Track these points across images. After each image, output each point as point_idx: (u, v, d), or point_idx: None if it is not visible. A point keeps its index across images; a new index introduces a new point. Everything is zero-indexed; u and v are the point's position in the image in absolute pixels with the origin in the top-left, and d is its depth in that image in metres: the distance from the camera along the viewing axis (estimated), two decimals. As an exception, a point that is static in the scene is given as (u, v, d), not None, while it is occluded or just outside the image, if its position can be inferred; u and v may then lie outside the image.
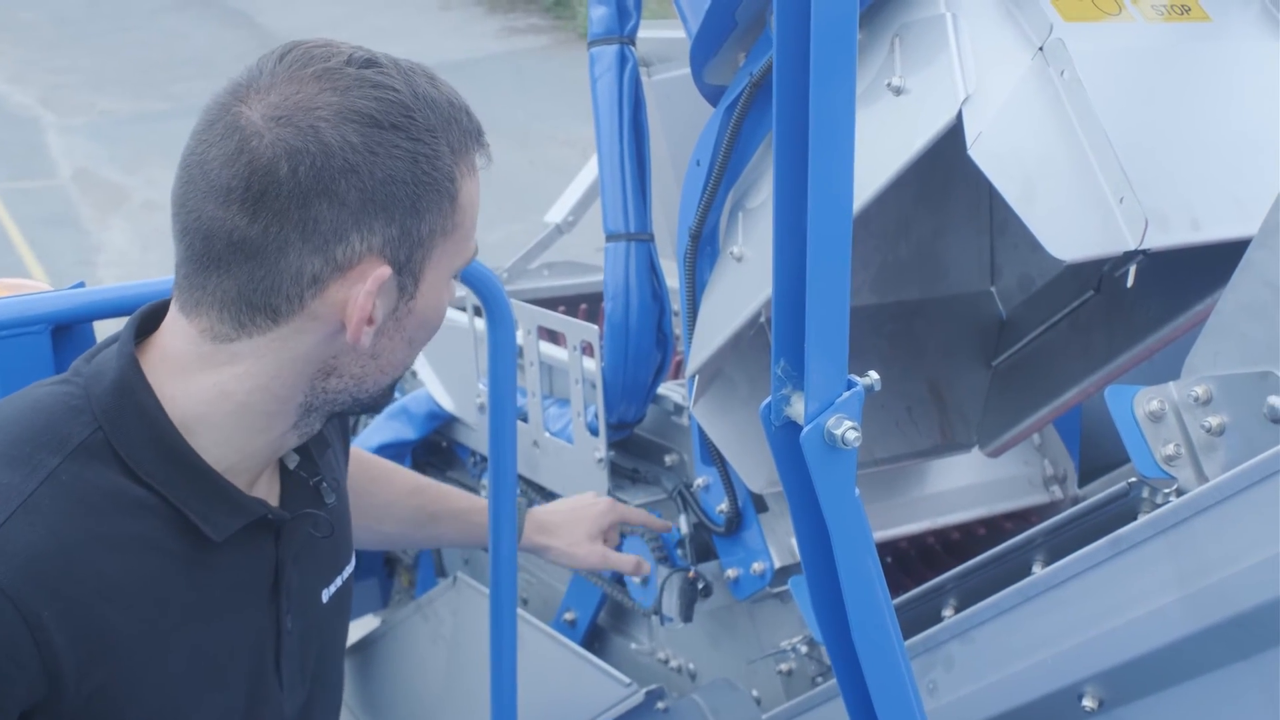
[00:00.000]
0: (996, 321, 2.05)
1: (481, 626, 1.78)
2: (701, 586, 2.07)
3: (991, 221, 2.06)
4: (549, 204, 3.03)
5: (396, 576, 3.00)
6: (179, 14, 16.59)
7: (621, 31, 2.08)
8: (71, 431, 1.18)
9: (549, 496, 2.36)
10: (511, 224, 8.41)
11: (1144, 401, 1.35)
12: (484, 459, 2.59)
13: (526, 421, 2.30)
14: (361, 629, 2.83)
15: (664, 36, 2.35)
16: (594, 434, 2.15)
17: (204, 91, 1.27)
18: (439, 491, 1.89)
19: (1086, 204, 1.39)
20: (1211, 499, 1.25)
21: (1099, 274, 1.83)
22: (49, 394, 1.22)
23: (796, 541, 1.24)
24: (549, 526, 1.98)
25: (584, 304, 2.94)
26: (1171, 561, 1.29)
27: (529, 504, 1.98)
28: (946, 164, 1.84)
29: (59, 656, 1.12)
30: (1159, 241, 1.37)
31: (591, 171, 2.90)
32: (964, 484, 2.09)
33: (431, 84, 1.19)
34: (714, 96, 1.82)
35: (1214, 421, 1.31)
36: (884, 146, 1.49)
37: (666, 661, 2.26)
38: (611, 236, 2.08)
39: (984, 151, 1.40)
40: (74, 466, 1.16)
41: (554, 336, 2.28)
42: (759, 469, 1.89)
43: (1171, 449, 1.34)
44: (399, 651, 2.61)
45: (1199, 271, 1.61)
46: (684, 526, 2.07)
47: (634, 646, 2.32)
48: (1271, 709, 1.26)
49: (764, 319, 1.81)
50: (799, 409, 1.12)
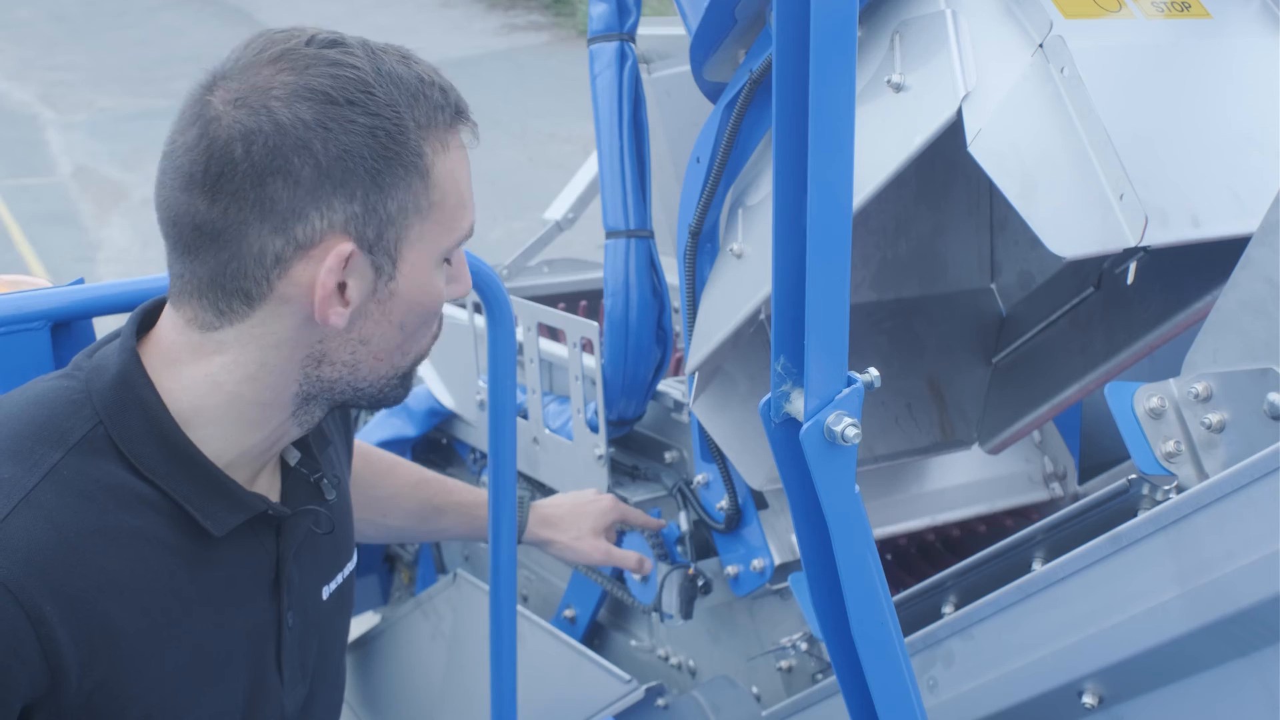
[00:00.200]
0: (996, 318, 2.05)
1: (481, 623, 1.78)
2: (701, 583, 2.07)
3: (991, 218, 2.06)
4: (548, 201, 3.02)
5: (396, 573, 3.00)
6: (178, 11, 16.59)
7: (621, 28, 2.08)
8: (73, 426, 1.18)
9: (549, 493, 2.36)
10: (511, 221, 8.41)
11: (1144, 398, 1.35)
12: (484, 456, 2.59)
13: (526, 418, 2.30)
14: (362, 626, 2.83)
15: (664, 33, 2.35)
16: (594, 431, 2.15)
17: (203, 89, 1.27)
18: (443, 484, 1.90)
19: (1086, 201, 1.39)
20: (1211, 496, 1.25)
21: (1099, 271, 1.83)
22: (50, 389, 1.22)
23: (796, 538, 1.24)
24: (552, 520, 1.98)
25: (584, 301, 2.94)
26: (1171, 558, 1.29)
27: (531, 497, 1.99)
28: (946, 161, 1.85)
29: (61, 650, 1.12)
30: (1159, 238, 1.37)
31: (591, 168, 2.90)
32: (964, 481, 2.10)
33: (403, 63, 1.18)
34: (714, 93, 1.82)
35: (1214, 418, 1.31)
36: (884, 143, 1.49)
37: (666, 658, 2.26)
38: (611, 233, 2.08)
39: (984, 148, 1.40)
40: (75, 461, 1.17)
41: (554, 333, 2.28)
42: (759, 466, 1.89)
43: (1171, 446, 1.34)
44: (399, 648, 2.61)
45: (1199, 268, 1.61)
46: (684, 523, 2.07)
47: (634, 643, 2.32)
48: (1271, 705, 1.27)
49: (764, 316, 1.81)
50: (799, 406, 1.12)
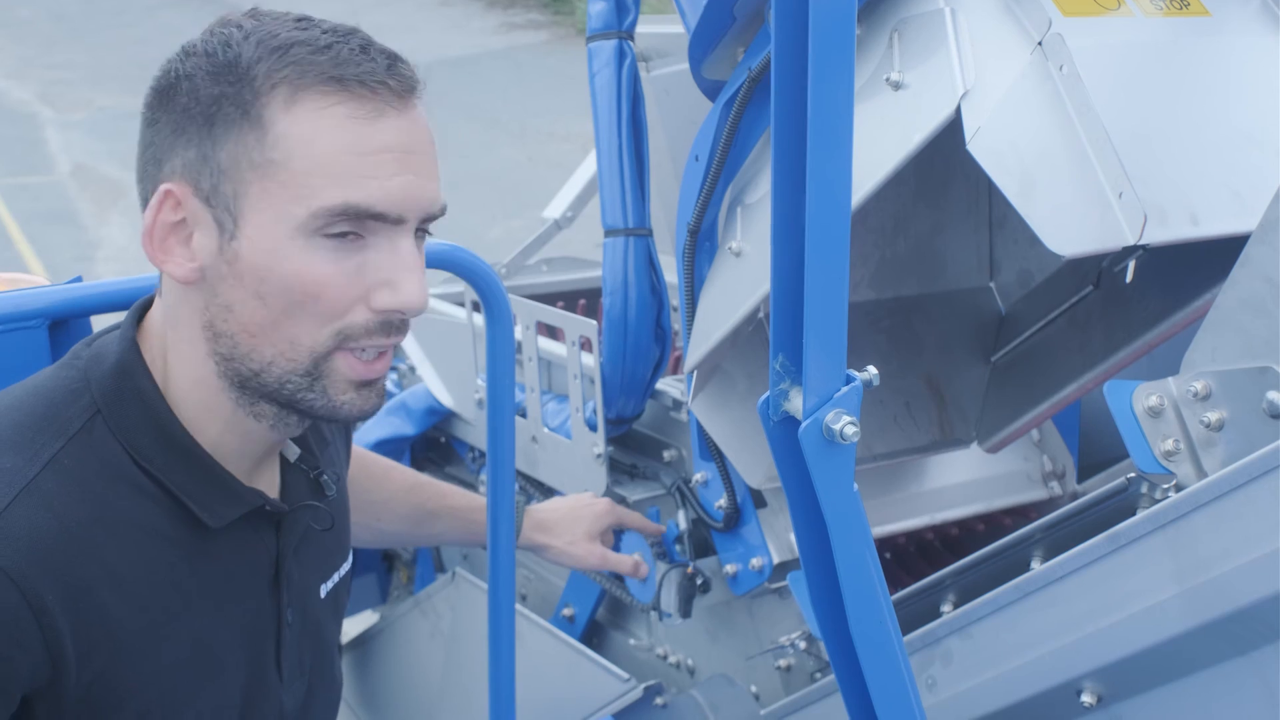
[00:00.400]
0: (995, 317, 2.05)
1: (480, 622, 1.78)
2: (700, 582, 2.07)
3: (990, 216, 2.06)
4: (547, 199, 3.02)
5: (395, 572, 3.00)
6: (177, 10, 16.57)
7: (620, 26, 2.08)
8: (71, 415, 1.18)
9: (548, 492, 2.36)
10: (510, 219, 8.41)
11: (1143, 397, 1.35)
12: (482, 454, 2.58)
13: (525, 417, 2.30)
14: (360, 624, 2.83)
15: (662, 31, 2.35)
16: (592, 429, 2.15)
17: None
18: (437, 489, 1.89)
19: (1085, 199, 1.39)
20: (1210, 494, 1.25)
21: (1098, 269, 1.83)
22: (49, 378, 1.23)
23: (795, 537, 1.23)
24: (547, 525, 1.97)
25: (582, 299, 2.94)
26: (1170, 557, 1.28)
27: (527, 501, 1.98)
28: (945, 159, 1.85)
29: (62, 639, 1.12)
30: (1158, 236, 1.36)
31: (590, 167, 2.90)
32: (963, 480, 2.09)
33: (303, 28, 1.17)
34: (712, 91, 1.82)
35: (1213, 417, 1.31)
36: (882, 142, 1.49)
37: (665, 657, 2.26)
38: (610, 232, 2.08)
39: (982, 146, 1.40)
40: (75, 451, 1.17)
41: (552, 332, 2.28)
42: (758, 464, 1.89)
43: (1170, 444, 1.33)
44: (397, 647, 2.61)
45: (1198, 266, 1.60)
46: (683, 522, 2.07)
47: (632, 642, 2.32)
48: (1270, 704, 1.26)
49: (762, 314, 1.81)
50: (797, 404, 1.12)
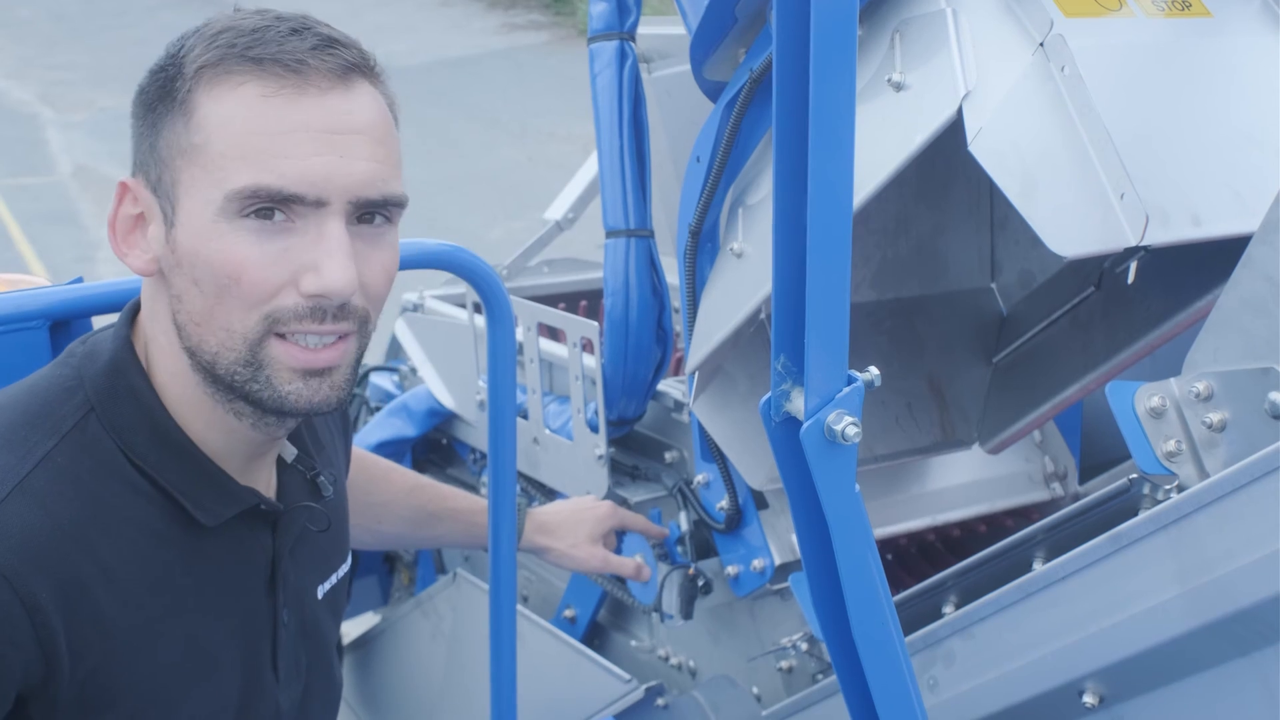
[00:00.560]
0: (997, 318, 2.05)
1: (481, 623, 1.78)
2: (702, 584, 2.07)
3: (992, 217, 2.06)
4: (548, 201, 3.02)
5: (396, 573, 3.00)
6: (178, 10, 16.56)
7: (621, 27, 2.08)
8: (65, 413, 1.18)
9: (549, 493, 2.36)
10: (511, 221, 8.41)
11: (1145, 398, 1.35)
12: (484, 456, 2.58)
13: (526, 418, 2.30)
14: (361, 626, 2.83)
15: (664, 33, 2.35)
16: (594, 431, 2.15)
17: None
18: (438, 491, 1.89)
19: (1087, 200, 1.39)
20: (1212, 495, 1.25)
21: (1100, 270, 1.83)
22: (44, 376, 1.23)
23: (797, 537, 1.23)
24: (549, 527, 1.96)
25: (584, 300, 2.94)
26: (1172, 558, 1.28)
27: (529, 503, 1.98)
28: (947, 160, 1.85)
29: (56, 637, 1.12)
30: (1160, 237, 1.36)
31: (591, 168, 2.90)
32: (964, 481, 2.09)
33: (249, 17, 1.18)
34: (714, 93, 1.82)
35: (1215, 417, 1.31)
36: (884, 142, 1.49)
37: (667, 659, 2.26)
38: (611, 233, 2.07)
39: (984, 147, 1.40)
40: (69, 449, 1.17)
41: (554, 333, 2.28)
42: (759, 465, 1.89)
43: (1172, 445, 1.33)
44: (399, 648, 2.60)
45: (1200, 267, 1.60)
46: (684, 523, 2.07)
47: (634, 644, 2.32)
48: (1271, 705, 1.26)
49: (764, 315, 1.81)
50: (799, 404, 1.12)
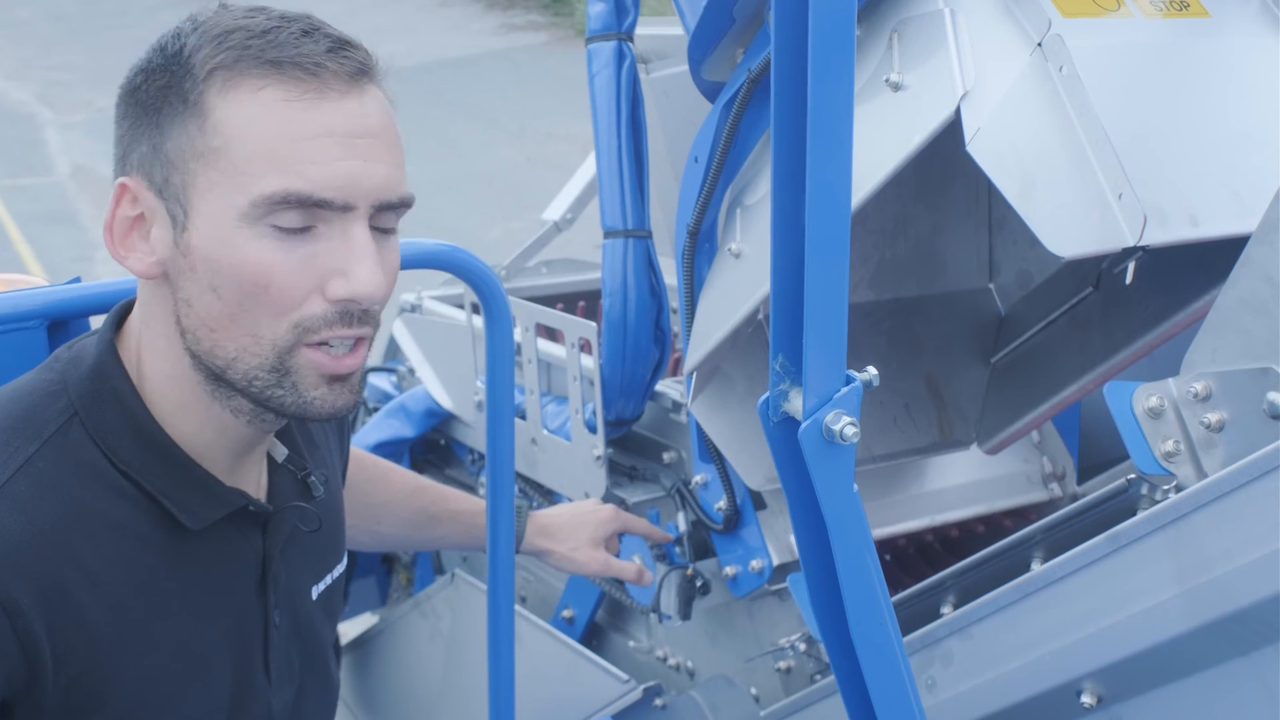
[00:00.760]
0: (995, 318, 2.05)
1: (480, 623, 1.78)
2: (700, 584, 2.07)
3: (990, 218, 2.06)
4: (547, 201, 3.02)
5: (394, 574, 3.00)
6: (177, 11, 16.47)
7: (619, 28, 2.08)
8: (48, 418, 1.18)
9: (547, 494, 2.36)
10: (509, 221, 8.42)
11: (1143, 398, 1.35)
12: (482, 457, 2.58)
13: (524, 419, 2.30)
14: (359, 626, 2.83)
15: (662, 33, 2.35)
16: (592, 431, 2.15)
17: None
18: (439, 493, 1.88)
19: (1085, 200, 1.39)
20: (1210, 495, 1.25)
21: (1098, 270, 1.83)
22: (28, 382, 1.22)
23: (795, 538, 1.23)
24: (550, 530, 1.95)
25: (582, 301, 2.94)
26: (1170, 557, 1.28)
27: (530, 506, 1.98)
28: (945, 160, 1.85)
29: (38, 642, 1.11)
30: (1158, 238, 1.36)
31: (589, 168, 2.90)
32: (962, 481, 2.09)
33: (251, 16, 1.16)
34: (712, 93, 1.82)
35: (1213, 418, 1.31)
36: (882, 142, 1.49)
37: (665, 659, 2.26)
38: (609, 233, 2.07)
39: (982, 148, 1.40)
40: (51, 453, 1.16)
41: (552, 334, 2.28)
42: (757, 466, 1.89)
43: (1171, 445, 1.33)
44: (397, 648, 2.60)
45: (1198, 268, 1.60)
46: (682, 524, 2.07)
47: (632, 644, 2.32)
48: (1270, 705, 1.26)
49: (762, 316, 1.81)
50: (797, 404, 1.12)
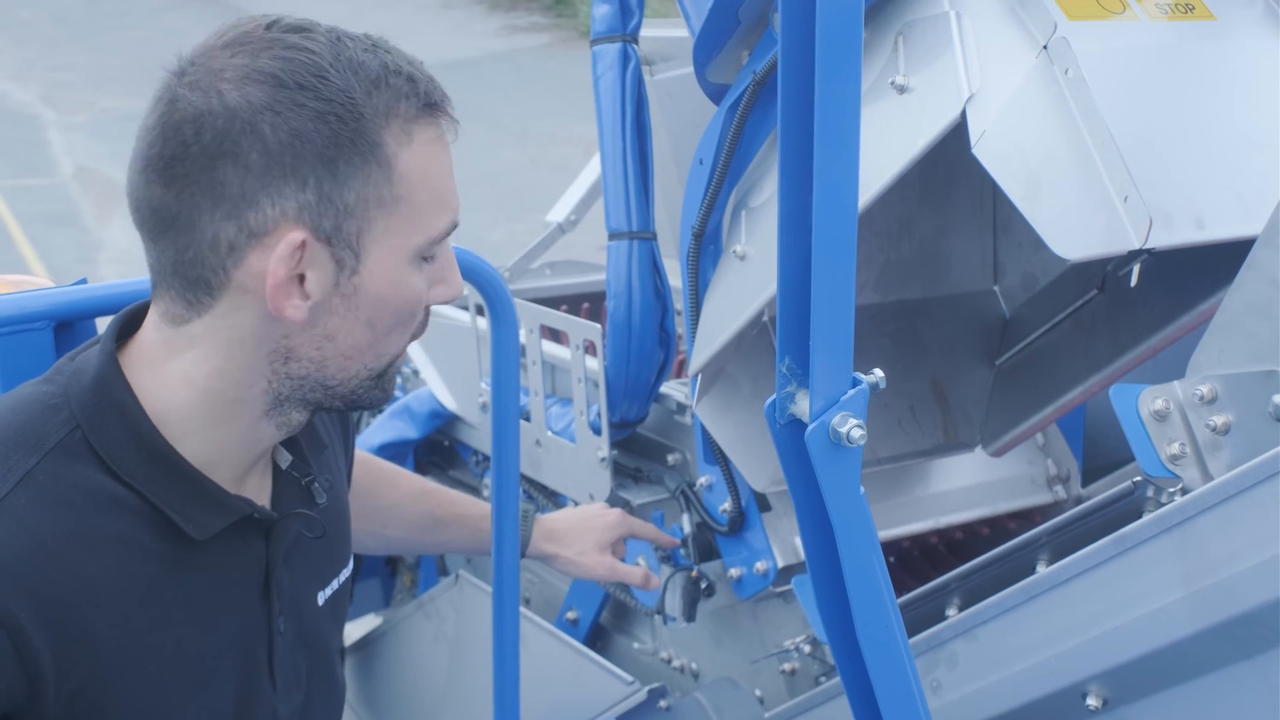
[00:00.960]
0: (999, 320, 2.05)
1: (484, 624, 1.78)
2: (704, 586, 2.07)
3: (995, 220, 2.06)
4: (550, 203, 3.03)
5: (398, 575, 3.00)
6: (179, 11, 16.59)
7: (624, 30, 2.08)
8: (49, 430, 1.17)
9: (551, 495, 2.36)
10: (513, 223, 8.41)
11: (1149, 400, 1.35)
12: (486, 458, 2.58)
13: (529, 420, 2.30)
14: (364, 628, 2.83)
15: (667, 35, 2.35)
16: (597, 433, 2.15)
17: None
18: (445, 497, 1.87)
19: (1091, 203, 1.39)
20: (1216, 497, 1.25)
21: (1103, 273, 1.83)
22: (29, 394, 1.21)
23: (801, 539, 1.23)
24: (557, 535, 1.95)
25: (586, 303, 2.94)
26: (1176, 560, 1.28)
27: (536, 510, 1.98)
28: (950, 162, 1.85)
29: (38, 658, 1.11)
30: (1163, 240, 1.36)
31: (594, 170, 2.90)
32: (967, 484, 2.09)
33: (369, 50, 1.15)
34: (717, 95, 1.82)
35: (1219, 420, 1.31)
36: (887, 145, 1.49)
37: (669, 661, 2.26)
38: (614, 235, 2.08)
39: (988, 150, 1.40)
40: (51, 466, 1.15)
41: (556, 335, 2.28)
42: (762, 468, 1.89)
43: (1176, 448, 1.33)
44: (401, 649, 2.60)
45: (1203, 270, 1.60)
46: (687, 526, 2.07)
47: (636, 646, 2.32)
48: (1275, 707, 1.26)
49: (767, 318, 1.81)
50: (804, 407, 1.12)
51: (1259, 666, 1.26)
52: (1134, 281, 1.49)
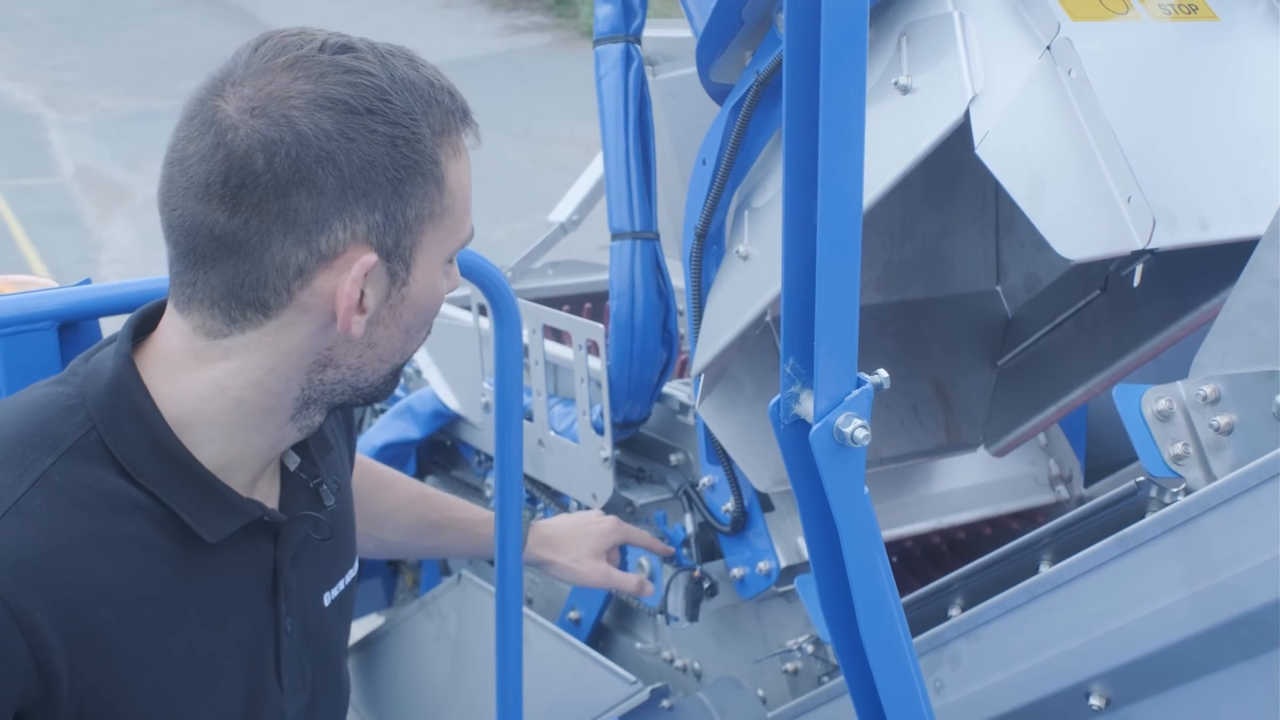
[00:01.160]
0: (1002, 321, 2.05)
1: (486, 624, 1.78)
2: (707, 586, 2.07)
3: (997, 220, 2.06)
4: (552, 203, 3.03)
5: (401, 575, 3.00)
6: (180, 11, 16.61)
7: (627, 30, 2.09)
8: (65, 431, 1.17)
9: (554, 495, 2.36)
10: (515, 223, 8.41)
11: (1152, 401, 1.35)
12: (489, 458, 2.59)
13: (532, 420, 2.30)
14: (366, 628, 2.83)
15: (669, 35, 2.35)
16: (599, 433, 2.15)
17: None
18: (444, 501, 1.87)
19: (1094, 203, 1.39)
20: (1219, 498, 1.25)
21: (1105, 273, 1.83)
22: (44, 394, 1.21)
23: (805, 540, 1.24)
24: (552, 541, 1.94)
25: (589, 303, 2.94)
26: (1179, 560, 1.29)
27: (533, 516, 1.98)
28: (953, 163, 1.85)
29: (52, 657, 1.11)
30: (1166, 241, 1.37)
31: (596, 170, 2.90)
32: (970, 484, 2.09)
33: (411, 66, 1.17)
34: (720, 95, 1.82)
35: (1222, 421, 1.31)
36: (891, 145, 1.49)
37: (672, 661, 2.26)
38: (617, 235, 2.08)
39: (991, 150, 1.40)
40: (67, 467, 1.15)
41: (559, 335, 2.28)
42: (764, 468, 1.89)
43: (1180, 448, 1.34)
44: (404, 649, 2.61)
45: (1206, 271, 1.61)
46: (689, 526, 2.07)
47: (639, 646, 2.32)
48: (1277, 708, 1.26)
49: (770, 318, 1.81)
50: (808, 407, 1.12)
51: (1261, 667, 1.26)
52: (1137, 282, 1.50)
